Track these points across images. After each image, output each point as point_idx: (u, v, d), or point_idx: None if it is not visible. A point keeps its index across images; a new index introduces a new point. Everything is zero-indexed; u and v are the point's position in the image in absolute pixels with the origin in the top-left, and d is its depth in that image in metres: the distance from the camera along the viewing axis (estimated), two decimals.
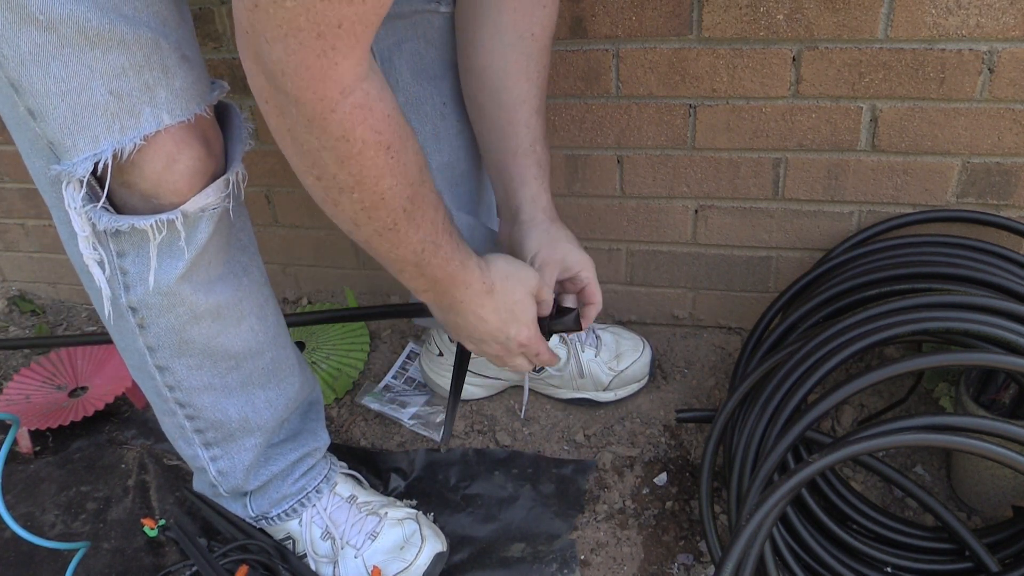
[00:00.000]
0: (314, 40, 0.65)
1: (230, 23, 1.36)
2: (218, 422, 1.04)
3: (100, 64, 0.78)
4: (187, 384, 1.00)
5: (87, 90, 0.78)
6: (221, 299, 0.96)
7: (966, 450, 0.86)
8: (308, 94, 0.69)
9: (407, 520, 1.13)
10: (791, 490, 0.88)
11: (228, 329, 0.98)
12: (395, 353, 1.54)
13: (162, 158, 0.84)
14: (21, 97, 0.79)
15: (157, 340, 0.96)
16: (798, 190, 1.29)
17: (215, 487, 1.12)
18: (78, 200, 0.84)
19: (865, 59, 1.15)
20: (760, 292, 1.41)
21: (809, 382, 1.00)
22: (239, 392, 1.04)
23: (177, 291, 0.92)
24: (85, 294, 1.84)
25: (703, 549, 1.15)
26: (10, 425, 1.19)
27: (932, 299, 0.99)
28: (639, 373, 1.36)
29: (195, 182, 0.87)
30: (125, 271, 0.91)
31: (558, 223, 1.06)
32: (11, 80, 0.78)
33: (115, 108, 0.80)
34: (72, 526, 1.29)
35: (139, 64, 0.80)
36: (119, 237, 0.88)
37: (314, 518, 1.13)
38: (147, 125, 0.82)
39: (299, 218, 1.57)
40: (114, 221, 0.85)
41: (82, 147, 0.81)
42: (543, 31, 1.04)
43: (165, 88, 0.82)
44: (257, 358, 1.03)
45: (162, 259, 0.89)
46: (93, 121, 0.80)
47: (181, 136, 0.84)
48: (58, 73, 0.77)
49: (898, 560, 1.03)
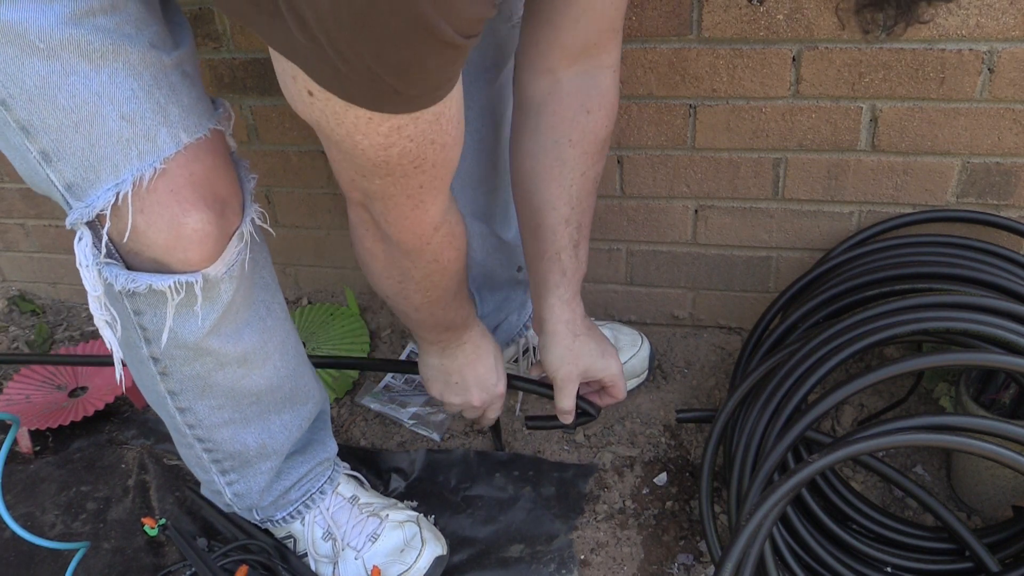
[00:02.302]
0: (405, 200, 0.77)
1: (230, 23, 1.36)
2: (237, 452, 1.04)
3: (108, 89, 0.75)
4: (208, 422, 0.99)
5: (99, 118, 0.75)
6: (248, 346, 0.94)
7: (966, 450, 0.86)
8: (407, 235, 0.82)
9: (408, 523, 1.13)
10: (791, 490, 0.88)
11: (253, 372, 0.97)
12: (395, 353, 1.54)
13: (165, 222, 0.80)
14: (33, 140, 0.76)
15: (180, 386, 0.94)
16: (798, 190, 1.29)
17: (229, 506, 1.12)
18: (90, 257, 0.81)
19: (865, 59, 1.15)
20: (760, 292, 1.41)
21: (809, 382, 1.00)
22: (257, 421, 1.02)
23: (203, 345, 0.89)
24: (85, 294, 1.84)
25: (703, 549, 1.15)
26: (10, 425, 1.19)
27: (932, 299, 0.99)
28: (638, 367, 1.36)
29: (207, 248, 0.83)
30: (144, 327, 0.88)
31: (583, 337, 1.06)
32: (21, 123, 0.75)
33: (129, 133, 0.77)
34: (72, 526, 1.29)
35: (148, 85, 0.77)
36: (135, 296, 0.85)
37: (316, 519, 1.13)
38: (166, 147, 0.79)
39: (299, 218, 1.57)
40: (131, 281, 0.82)
41: (104, 177, 0.78)
42: (584, 138, 0.98)
43: (176, 105, 0.79)
44: (277, 391, 1.02)
45: (184, 318, 0.86)
46: (110, 149, 0.76)
47: (186, 196, 0.80)
48: (66, 104, 0.74)
49: (898, 560, 1.03)
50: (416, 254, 0.86)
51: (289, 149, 1.48)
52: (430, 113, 0.68)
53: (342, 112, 0.66)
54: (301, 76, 0.64)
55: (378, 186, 0.75)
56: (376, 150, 0.69)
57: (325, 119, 0.67)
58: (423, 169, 0.74)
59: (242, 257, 0.88)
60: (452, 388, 1.12)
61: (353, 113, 0.65)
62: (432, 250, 0.86)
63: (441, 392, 1.14)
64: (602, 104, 0.98)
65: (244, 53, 1.38)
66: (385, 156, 0.70)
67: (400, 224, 0.81)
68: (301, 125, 1.44)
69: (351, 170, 0.75)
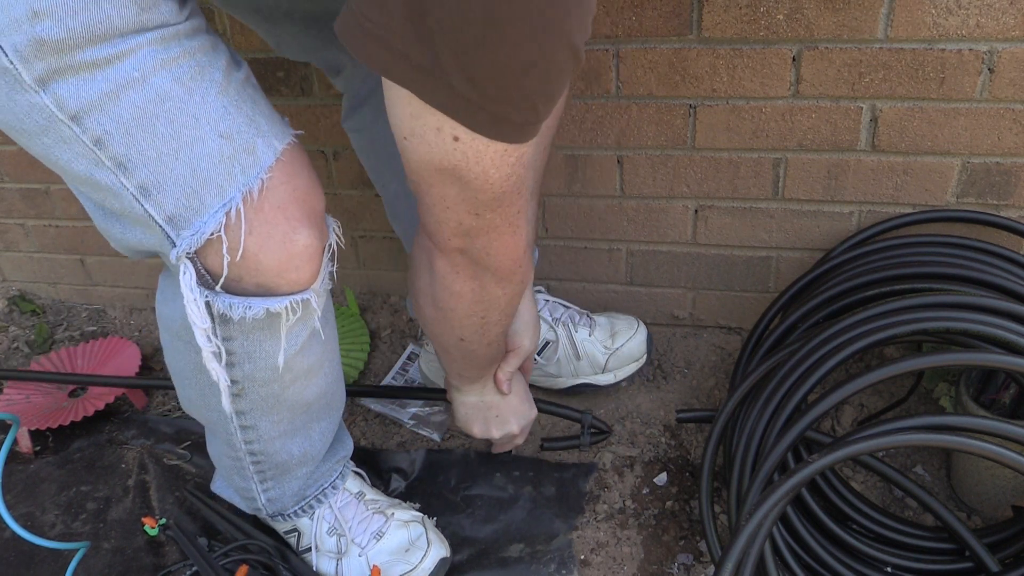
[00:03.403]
0: (507, 228, 0.82)
1: (230, 23, 1.36)
2: (283, 462, 1.04)
3: (203, 109, 0.75)
4: (266, 436, 0.99)
5: (199, 140, 0.75)
6: (313, 359, 0.94)
7: (966, 450, 0.86)
8: (507, 262, 0.87)
9: (413, 523, 1.13)
10: (791, 490, 0.88)
11: (313, 382, 0.97)
12: (395, 353, 1.54)
13: (277, 241, 0.80)
14: (131, 176, 0.75)
15: (251, 405, 0.94)
16: (798, 190, 1.29)
17: (258, 510, 1.12)
18: (196, 290, 0.79)
19: (865, 59, 1.15)
20: (760, 292, 1.41)
21: (809, 382, 1.00)
22: (303, 430, 1.03)
23: (291, 363, 0.90)
24: (85, 294, 1.85)
25: (703, 549, 1.15)
26: (10, 425, 1.19)
27: (932, 299, 0.99)
28: (636, 351, 1.35)
29: (315, 265, 0.84)
30: (232, 352, 0.87)
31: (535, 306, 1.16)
32: (118, 159, 0.74)
33: (230, 150, 0.76)
34: (72, 526, 1.29)
35: (235, 100, 0.77)
36: (232, 323, 0.83)
37: (324, 513, 1.13)
38: (265, 157, 0.78)
39: None
40: (247, 309, 0.81)
41: (209, 202, 0.77)
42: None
43: (262, 116, 0.80)
44: (322, 398, 1.02)
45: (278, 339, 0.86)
46: (213, 171, 0.76)
47: (293, 213, 0.80)
48: (165, 132, 0.73)
49: (898, 560, 1.03)
50: (509, 278, 0.90)
51: None
52: (537, 138, 0.74)
53: (483, 150, 0.70)
54: (449, 125, 0.68)
55: (487, 220, 0.79)
56: (502, 181, 0.74)
57: (466, 161, 0.71)
58: (522, 194, 0.79)
59: (328, 270, 0.88)
60: (494, 423, 1.17)
61: (493, 148, 0.70)
62: (523, 272, 0.91)
63: (484, 430, 1.18)
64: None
65: (244, 53, 1.38)
66: (506, 186, 0.75)
67: (501, 253, 0.85)
68: (301, 125, 1.44)
69: (466, 211, 0.78)
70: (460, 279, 0.88)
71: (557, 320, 1.35)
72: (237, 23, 1.36)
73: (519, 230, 0.84)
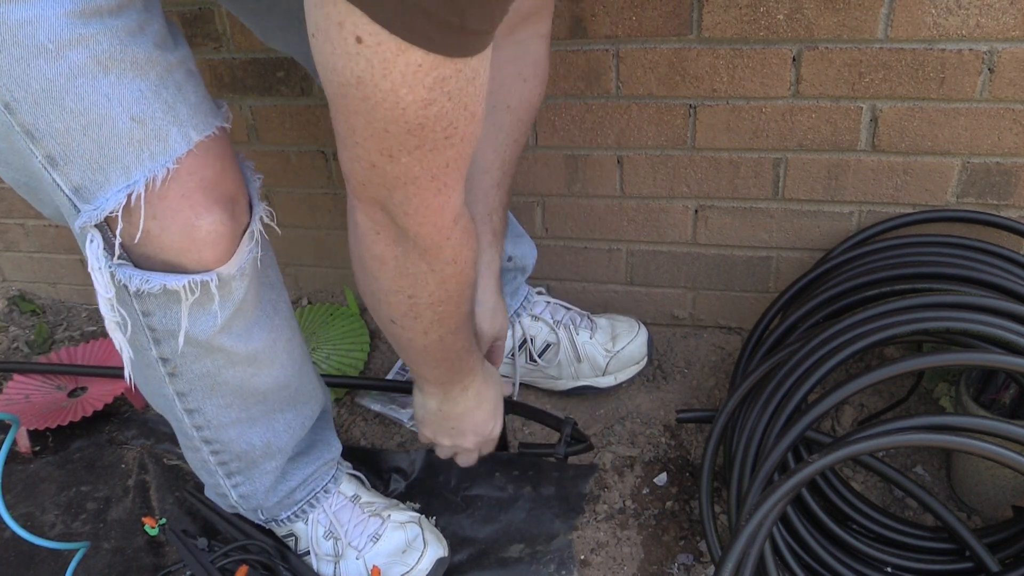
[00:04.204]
0: (429, 182, 0.73)
1: (230, 23, 1.36)
2: (243, 452, 1.04)
3: (117, 90, 0.74)
4: (216, 422, 0.99)
5: (109, 120, 0.74)
6: (257, 345, 0.94)
7: (966, 450, 0.86)
8: (427, 227, 0.78)
9: (410, 524, 1.13)
10: (791, 490, 0.88)
11: (261, 371, 0.97)
12: (395, 353, 1.54)
13: (179, 226, 0.80)
14: (38, 144, 0.74)
15: (189, 386, 0.94)
16: (798, 190, 1.29)
17: (234, 507, 1.12)
18: (102, 259, 0.80)
19: (865, 59, 1.15)
20: (760, 292, 1.41)
21: (809, 382, 1.00)
22: (263, 420, 1.02)
23: (215, 342, 0.89)
24: (85, 294, 1.85)
25: (703, 549, 1.15)
26: (10, 425, 1.19)
27: (932, 299, 0.99)
28: (637, 353, 1.35)
29: (220, 248, 0.83)
30: (153, 328, 0.88)
31: (499, 294, 1.13)
32: (26, 127, 0.73)
33: (141, 135, 0.76)
34: (72, 526, 1.29)
35: (155, 85, 0.76)
36: (143, 297, 0.84)
37: (319, 517, 1.13)
38: (177, 147, 0.78)
39: (299, 218, 1.57)
40: (144, 282, 0.81)
41: (114, 180, 0.77)
42: (520, 105, 1.02)
43: (184, 104, 0.79)
44: (283, 390, 1.02)
45: (197, 317, 0.86)
46: (121, 151, 0.75)
47: (198, 200, 0.80)
48: (74, 107, 0.72)
49: (898, 560, 1.03)
50: (434, 252, 0.81)
51: (289, 149, 1.48)
52: (470, 68, 0.66)
53: (392, 59, 0.62)
54: (351, 20, 0.60)
55: (404, 165, 0.71)
56: (417, 107, 0.66)
57: (371, 71, 0.63)
58: (452, 142, 0.71)
59: (253, 255, 0.88)
60: (446, 431, 1.10)
61: (404, 59, 0.62)
62: (451, 246, 0.82)
63: (434, 434, 1.12)
64: (536, 73, 1.03)
65: (244, 53, 1.38)
66: (424, 116, 0.67)
67: (421, 214, 0.77)
68: (301, 125, 1.44)
69: (377, 148, 0.70)
70: (381, 241, 0.81)
71: (558, 322, 1.34)
72: (237, 23, 1.36)
73: (446, 191, 0.75)
